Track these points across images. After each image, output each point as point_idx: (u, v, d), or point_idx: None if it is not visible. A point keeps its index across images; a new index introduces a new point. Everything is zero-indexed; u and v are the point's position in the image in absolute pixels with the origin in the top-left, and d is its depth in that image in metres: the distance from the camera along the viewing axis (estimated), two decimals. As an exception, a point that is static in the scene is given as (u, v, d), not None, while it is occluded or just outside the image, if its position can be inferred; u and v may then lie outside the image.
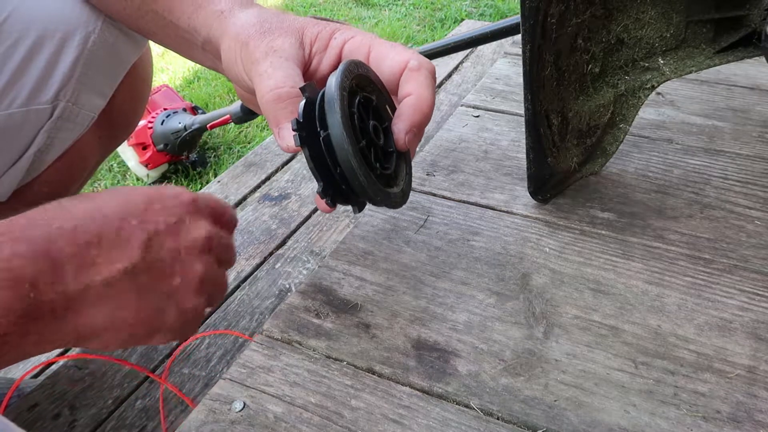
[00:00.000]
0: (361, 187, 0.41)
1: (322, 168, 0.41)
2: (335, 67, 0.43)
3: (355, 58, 0.43)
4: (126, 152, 1.48)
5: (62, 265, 0.34)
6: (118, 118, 0.70)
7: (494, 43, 1.28)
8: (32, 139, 0.60)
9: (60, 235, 0.34)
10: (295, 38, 0.45)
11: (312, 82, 0.42)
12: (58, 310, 0.34)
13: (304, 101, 0.41)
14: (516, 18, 0.85)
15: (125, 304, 0.36)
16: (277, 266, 0.83)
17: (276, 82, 0.42)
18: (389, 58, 0.45)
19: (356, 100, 0.42)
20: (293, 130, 0.40)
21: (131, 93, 0.71)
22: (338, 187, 0.42)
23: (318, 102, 0.41)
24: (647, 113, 0.79)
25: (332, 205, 0.43)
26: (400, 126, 0.43)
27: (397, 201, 0.44)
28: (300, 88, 0.41)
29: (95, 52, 0.59)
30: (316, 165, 0.41)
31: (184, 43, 0.52)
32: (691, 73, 0.63)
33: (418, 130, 0.43)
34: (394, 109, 0.45)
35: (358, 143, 0.40)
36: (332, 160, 0.40)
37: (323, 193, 0.42)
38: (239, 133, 1.66)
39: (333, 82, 0.40)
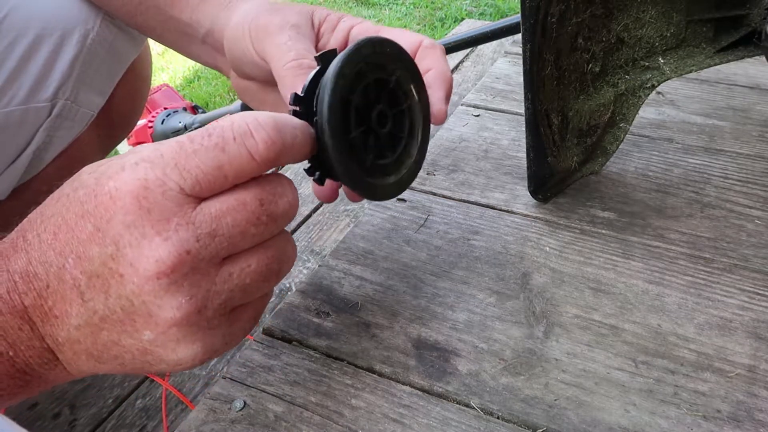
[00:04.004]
0: (342, 178, 0.40)
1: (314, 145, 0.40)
2: (342, 49, 0.43)
3: (378, 37, 0.41)
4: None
5: (31, 322, 0.30)
6: (117, 116, 0.71)
7: (494, 43, 1.28)
8: (31, 138, 0.60)
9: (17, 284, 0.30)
10: (306, 18, 0.46)
11: (334, 49, 0.40)
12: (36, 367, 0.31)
13: (313, 72, 0.39)
14: (516, 17, 0.85)
15: (96, 357, 0.32)
16: (277, 265, 0.83)
17: (297, 52, 0.42)
18: (401, 40, 0.45)
19: (362, 84, 0.40)
20: (289, 104, 0.39)
21: (130, 91, 0.71)
22: (325, 168, 0.41)
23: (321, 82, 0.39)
24: (647, 112, 0.79)
25: (321, 182, 0.42)
26: (438, 95, 0.44)
27: (384, 193, 0.43)
28: (316, 57, 0.40)
29: (94, 50, 0.59)
30: None
31: (183, 38, 0.52)
32: (691, 72, 0.63)
33: (447, 101, 0.45)
34: (420, 86, 0.44)
35: (346, 134, 0.39)
36: (320, 143, 0.39)
37: (310, 171, 0.41)
38: (239, 132, 1.66)
39: (333, 66, 0.38)
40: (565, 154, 0.63)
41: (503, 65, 0.95)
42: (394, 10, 2.53)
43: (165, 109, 1.46)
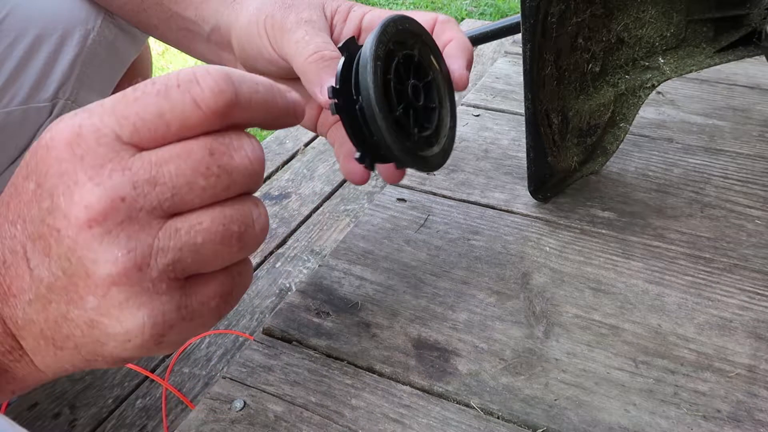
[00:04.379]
0: (397, 158, 0.41)
1: (359, 133, 0.41)
2: (358, 37, 0.44)
3: (396, 15, 0.42)
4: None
5: None
6: None
7: (494, 43, 1.28)
8: (32, 138, 0.60)
9: None
10: (318, 10, 0.46)
11: (353, 37, 0.42)
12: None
13: (341, 63, 0.41)
14: (516, 17, 0.85)
15: (52, 338, 0.30)
16: (277, 265, 0.83)
17: (317, 45, 0.43)
18: (417, 18, 0.46)
19: (394, 63, 0.41)
20: (329, 97, 0.40)
21: None
22: (376, 151, 0.42)
23: (355, 65, 0.41)
24: (647, 112, 0.79)
25: (371, 168, 0.43)
26: (459, 63, 0.45)
27: (435, 163, 0.44)
28: (339, 47, 0.41)
29: (94, 50, 0.59)
30: (354, 131, 0.41)
31: (187, 35, 0.52)
32: (691, 72, 0.63)
33: (469, 68, 0.45)
34: (439, 56, 0.46)
35: (392, 113, 0.40)
36: (368, 128, 0.40)
37: (361, 159, 0.42)
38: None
39: (368, 49, 0.39)
40: (565, 154, 0.63)
41: (503, 65, 0.95)
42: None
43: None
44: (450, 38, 0.46)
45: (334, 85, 0.41)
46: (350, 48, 0.41)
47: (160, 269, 0.26)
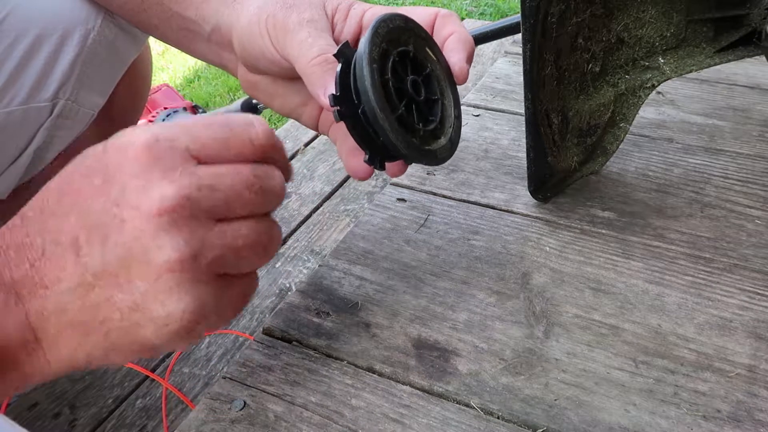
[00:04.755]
0: (405, 156, 0.42)
1: (366, 135, 0.42)
2: (356, 36, 0.45)
3: (385, 14, 0.43)
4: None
5: (18, 296, 0.31)
6: (117, 116, 0.71)
7: (494, 43, 1.28)
8: (32, 137, 0.60)
9: (10, 249, 0.31)
10: (319, 10, 0.46)
11: (347, 42, 0.42)
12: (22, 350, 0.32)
13: (339, 70, 0.41)
14: (516, 17, 0.85)
15: (87, 328, 0.32)
16: (277, 265, 0.83)
17: (321, 48, 0.43)
18: (417, 13, 0.46)
19: (390, 62, 0.42)
20: (331, 105, 0.41)
21: (131, 91, 0.71)
22: (384, 152, 0.43)
23: (352, 70, 0.41)
24: (647, 112, 0.79)
25: (381, 168, 0.44)
26: (459, 56, 0.45)
27: (443, 156, 0.45)
28: (334, 55, 0.42)
29: (95, 50, 0.59)
30: (360, 134, 0.42)
31: (188, 35, 0.52)
32: (691, 72, 0.63)
33: (469, 61, 0.46)
34: (434, 47, 0.46)
35: (394, 113, 0.41)
36: (373, 130, 0.41)
37: (370, 161, 0.43)
38: (239, 132, 1.66)
39: (361, 54, 0.40)
40: (565, 154, 0.63)
41: (503, 65, 0.95)
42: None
43: (165, 108, 1.46)
44: (450, 32, 0.46)
45: (334, 92, 0.41)
46: (346, 54, 0.42)
47: (208, 262, 0.31)
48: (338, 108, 0.41)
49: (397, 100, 0.41)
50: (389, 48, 0.42)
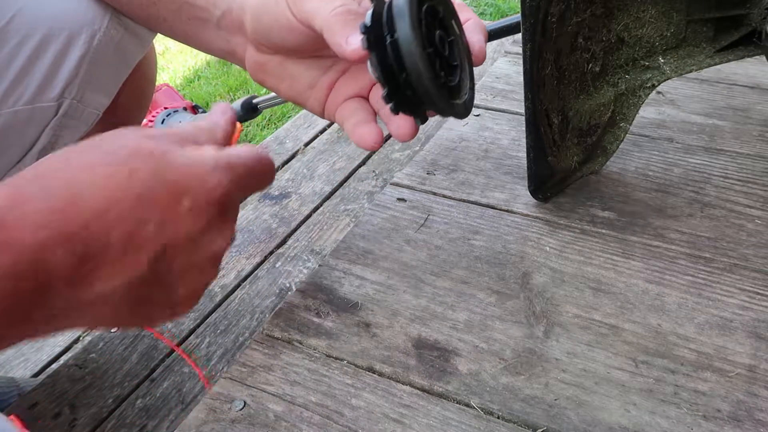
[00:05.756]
0: (426, 92, 0.41)
1: (388, 73, 0.42)
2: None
3: None
4: (126, 151, 1.47)
5: (49, 287, 0.28)
6: (122, 116, 0.71)
7: (494, 42, 1.28)
8: (37, 137, 0.60)
9: (57, 244, 0.28)
10: None
11: None
12: (38, 323, 0.30)
13: (372, 8, 0.41)
14: (516, 17, 0.85)
15: (115, 314, 0.32)
16: (277, 265, 0.83)
17: (343, 0, 0.43)
18: None
19: (424, 8, 0.42)
20: (361, 33, 0.40)
21: (135, 92, 0.71)
22: (403, 94, 0.42)
23: (386, 10, 0.41)
24: (648, 112, 0.79)
25: (396, 111, 0.43)
26: (479, 37, 0.46)
27: (460, 112, 0.45)
28: None
29: (101, 51, 0.59)
30: (383, 68, 0.41)
31: (197, 24, 0.52)
32: (691, 71, 0.63)
33: (485, 45, 0.47)
34: (459, 24, 0.47)
35: (425, 49, 0.40)
36: (399, 65, 0.40)
37: (388, 98, 0.42)
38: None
39: None
40: (565, 153, 0.63)
41: (503, 65, 0.95)
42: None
43: (165, 108, 1.46)
44: (467, 18, 0.48)
45: (365, 22, 0.41)
46: (376, 5, 0.41)
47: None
48: (367, 36, 0.40)
49: (428, 43, 0.41)
50: (424, 1, 0.42)
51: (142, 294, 0.31)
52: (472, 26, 0.47)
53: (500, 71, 0.93)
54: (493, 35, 0.90)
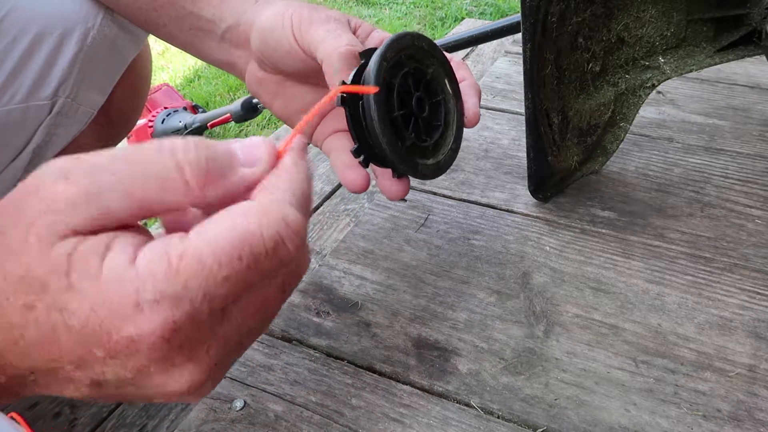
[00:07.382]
0: (383, 153, 0.42)
1: (359, 128, 0.43)
2: None
3: (414, 31, 0.44)
4: (126, 151, 1.47)
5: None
6: (116, 115, 0.71)
7: (494, 42, 1.28)
8: (31, 136, 0.60)
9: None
10: (344, 19, 0.47)
11: (376, 47, 0.43)
12: (18, 395, 0.29)
13: (357, 68, 0.42)
14: (516, 17, 0.85)
15: (101, 397, 0.28)
16: (277, 265, 0.83)
17: (349, 40, 0.44)
18: None
19: (402, 72, 0.43)
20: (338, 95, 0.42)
21: (130, 90, 0.71)
22: (372, 150, 0.44)
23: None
24: (648, 112, 0.79)
25: (365, 164, 0.44)
26: (474, 101, 0.47)
27: (427, 173, 0.45)
28: (360, 53, 0.43)
29: (95, 49, 0.59)
30: (354, 125, 0.43)
31: (198, 34, 0.52)
32: (691, 71, 0.63)
33: (479, 108, 0.48)
34: (455, 84, 0.47)
35: (390, 112, 0.42)
36: (366, 125, 0.42)
37: (356, 153, 0.44)
38: (239, 132, 1.66)
39: (377, 52, 0.42)
40: (565, 153, 0.63)
41: (503, 65, 0.95)
42: (394, 9, 2.53)
43: (165, 108, 1.46)
44: (463, 78, 0.48)
45: (345, 80, 0.42)
46: (369, 55, 0.43)
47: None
48: (343, 95, 0.42)
49: (398, 107, 0.42)
50: (406, 61, 0.43)
51: (112, 394, 0.27)
52: (467, 88, 0.48)
53: (500, 71, 0.93)
54: (493, 35, 0.90)
